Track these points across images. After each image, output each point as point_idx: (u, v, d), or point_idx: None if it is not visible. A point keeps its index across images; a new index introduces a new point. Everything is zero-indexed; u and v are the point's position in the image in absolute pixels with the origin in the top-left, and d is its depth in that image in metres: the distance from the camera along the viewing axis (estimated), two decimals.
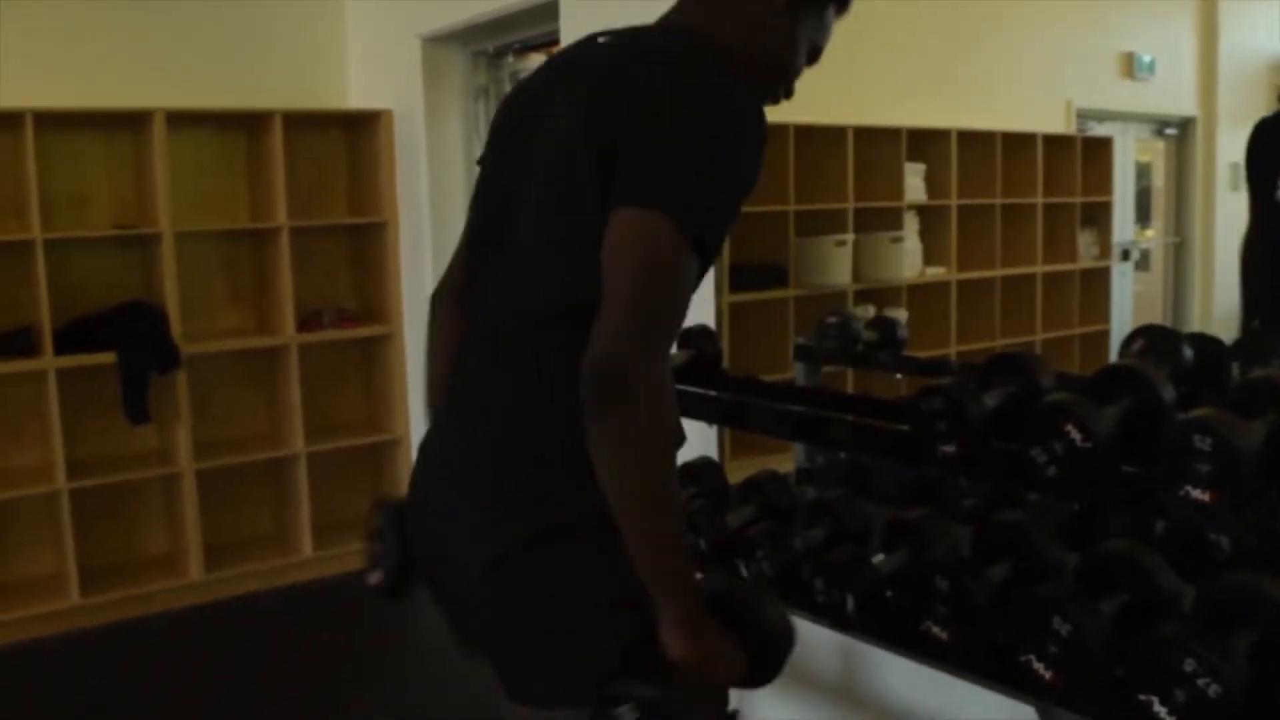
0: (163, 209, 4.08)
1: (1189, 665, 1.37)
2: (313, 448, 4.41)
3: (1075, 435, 1.50)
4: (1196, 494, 1.40)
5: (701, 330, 2.36)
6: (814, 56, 1.63)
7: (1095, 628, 1.51)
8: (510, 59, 4.32)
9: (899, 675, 2.48)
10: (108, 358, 4.02)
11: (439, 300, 1.68)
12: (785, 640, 1.49)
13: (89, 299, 4.13)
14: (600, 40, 1.50)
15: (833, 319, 2.62)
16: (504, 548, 1.39)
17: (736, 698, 2.63)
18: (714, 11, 1.51)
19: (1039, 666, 1.57)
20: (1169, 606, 1.55)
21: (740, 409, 2.13)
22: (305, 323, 4.45)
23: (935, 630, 1.73)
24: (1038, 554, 1.74)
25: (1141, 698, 1.42)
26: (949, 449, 1.68)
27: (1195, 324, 2.72)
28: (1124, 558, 1.63)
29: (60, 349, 3.94)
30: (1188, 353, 1.82)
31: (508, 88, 4.30)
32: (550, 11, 3.40)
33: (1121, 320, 2.98)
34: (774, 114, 3.10)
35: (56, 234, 3.95)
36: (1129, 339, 1.88)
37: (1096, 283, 3.03)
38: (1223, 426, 1.38)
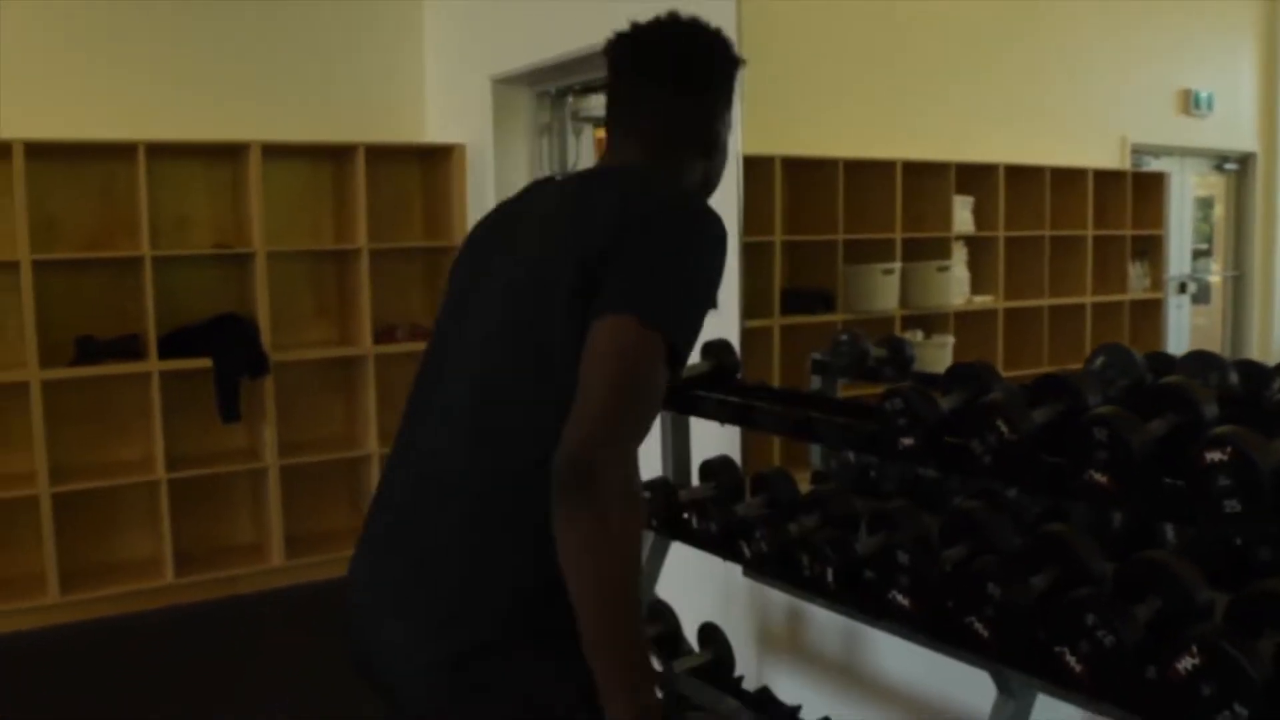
0: (256, 231, 4.44)
1: (1090, 621, 1.65)
2: (385, 449, 4.59)
3: (1004, 429, 1.78)
4: (1098, 478, 1.67)
5: (722, 344, 2.64)
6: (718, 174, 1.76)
7: (1023, 595, 1.79)
8: (571, 99, 4.55)
9: (895, 656, 2.75)
10: (205, 363, 4.37)
11: None
12: None
13: (189, 310, 4.51)
14: (556, 179, 1.61)
15: (844, 337, 2.88)
16: (443, 660, 1.37)
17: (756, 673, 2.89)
18: (656, 157, 1.61)
19: (979, 627, 1.85)
20: (1091, 577, 1.81)
21: (747, 410, 2.42)
22: (381, 336, 4.75)
23: (899, 599, 2.00)
24: (989, 537, 2.00)
25: (1057, 649, 1.70)
26: (908, 442, 1.96)
27: (1255, 355, 2.71)
28: (1058, 540, 1.90)
29: (163, 354, 4.31)
30: (1143, 368, 2.07)
31: (569, 125, 4.56)
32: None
33: (1179, 350, 3.01)
34: (826, 148, 3.29)
35: (162, 252, 4.33)
36: (1093, 355, 2.14)
37: (1148, 314, 3.02)
38: (1118, 422, 1.65)
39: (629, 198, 1.45)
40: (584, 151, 4.57)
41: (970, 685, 2.13)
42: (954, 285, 3.37)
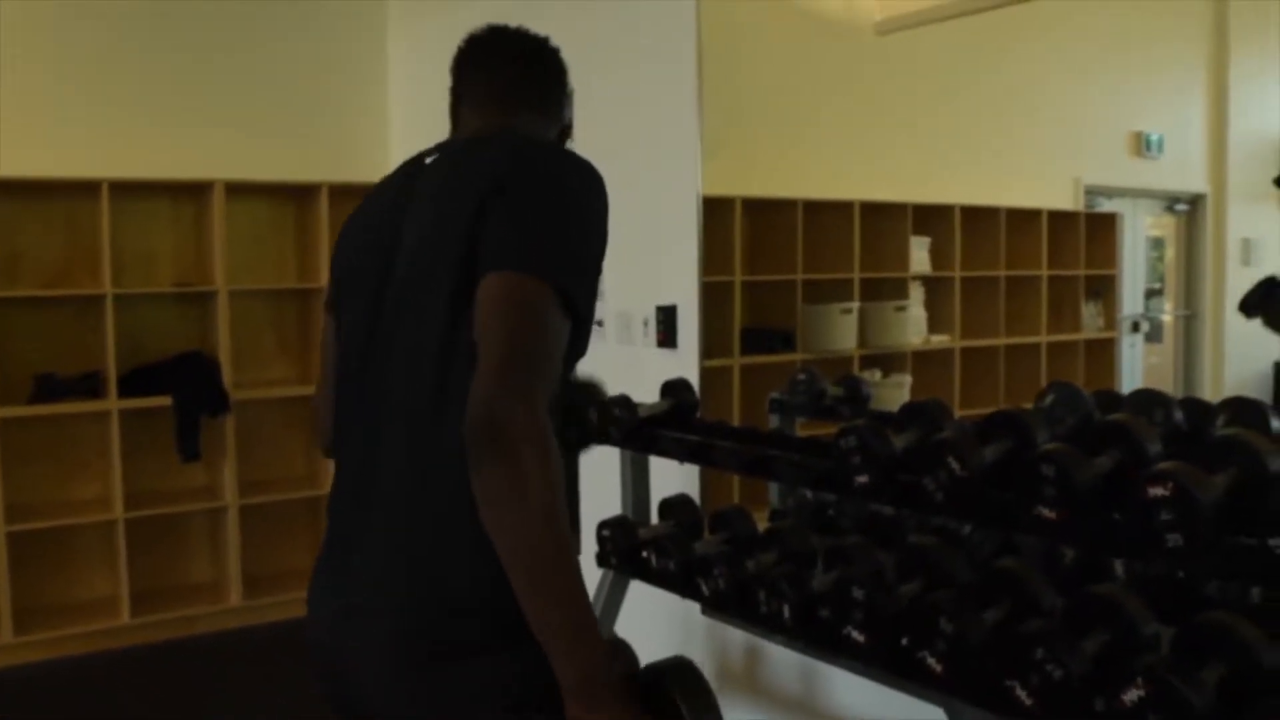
0: (219, 269, 4.44)
1: (1040, 654, 1.68)
2: None
3: (956, 466, 1.82)
4: (1046, 513, 1.71)
5: (681, 383, 2.67)
6: None
7: (974, 629, 1.81)
8: None
9: (851, 692, 2.77)
10: (165, 401, 4.36)
11: (323, 440, 1.68)
12: None
13: (151, 348, 4.50)
14: (427, 160, 1.56)
15: (802, 376, 2.92)
16: (408, 662, 1.36)
17: None
18: (513, 119, 1.62)
19: (932, 661, 1.87)
20: (1042, 611, 1.84)
21: (705, 449, 2.44)
22: None
23: (854, 634, 2.01)
24: (943, 572, 2.03)
25: (1008, 682, 1.72)
26: (862, 479, 1.99)
27: (1206, 393, 2.68)
28: (1010, 575, 1.93)
29: (123, 392, 4.29)
30: (1091, 405, 2.12)
31: None
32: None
33: (1132, 389, 3.00)
34: (785, 189, 3.34)
35: (124, 290, 4.32)
36: (1042, 393, 2.18)
37: (1102, 353, 3.04)
38: (1065, 458, 1.69)
39: (495, 162, 1.43)
40: None
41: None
42: (911, 325, 3.40)
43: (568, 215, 1.39)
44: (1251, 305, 2.37)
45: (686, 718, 1.30)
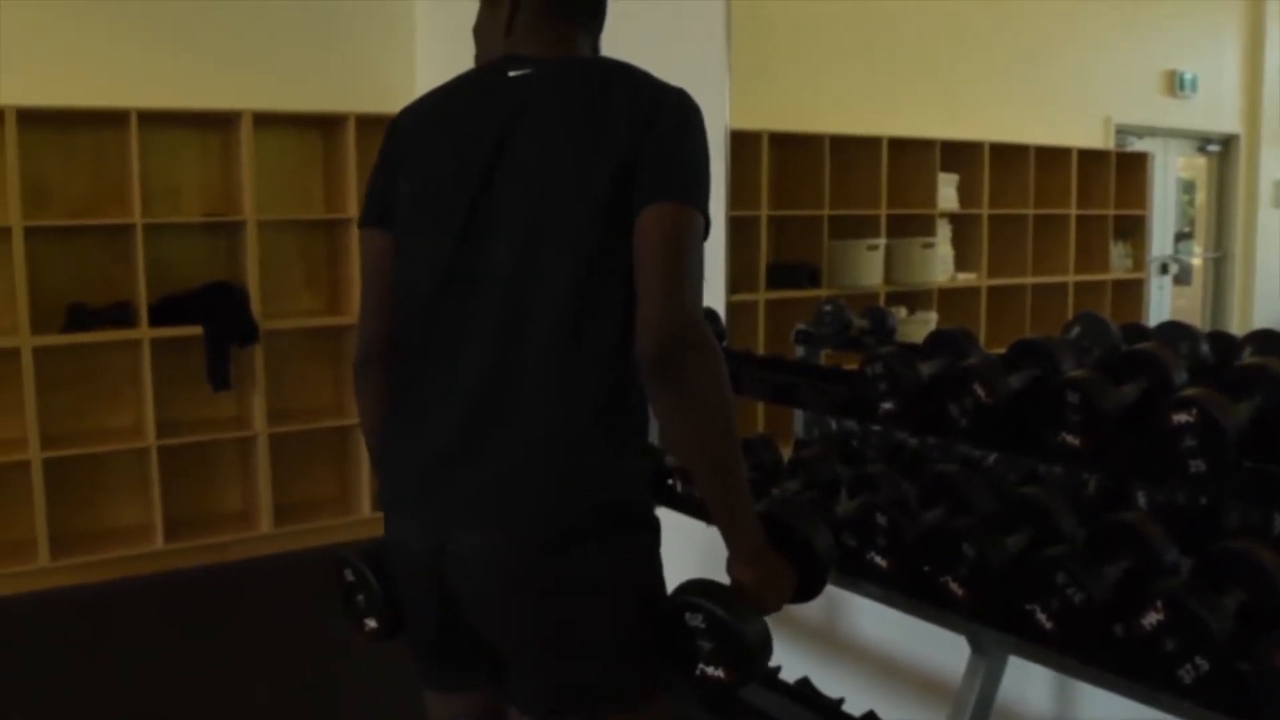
0: (247, 199, 4.46)
1: (1061, 579, 1.70)
2: None
3: (982, 393, 1.83)
4: (1070, 440, 1.72)
5: (708, 312, 2.69)
6: None
7: (997, 554, 1.83)
8: None
9: (873, 620, 2.80)
10: (195, 330, 4.40)
11: (367, 366, 1.73)
12: (829, 559, 1.69)
13: (180, 278, 4.53)
14: (512, 74, 1.58)
15: (829, 307, 2.93)
16: (525, 550, 1.46)
17: None
18: (572, 33, 1.67)
19: (954, 586, 1.90)
20: (1064, 538, 1.85)
21: (732, 377, 2.45)
22: None
23: (877, 560, 2.05)
24: (966, 500, 2.04)
25: (1028, 607, 1.75)
26: (888, 406, 2.00)
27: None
28: (1032, 502, 1.94)
29: (154, 322, 4.33)
30: (1118, 337, 2.12)
31: None
32: None
33: None
34: (811, 124, 3.30)
35: (153, 219, 4.34)
36: (1069, 324, 2.18)
37: (1130, 294, 3.04)
38: (1090, 385, 1.70)
39: (633, 97, 1.54)
40: None
41: (945, 647, 2.17)
42: (938, 262, 3.40)
43: (701, 148, 1.54)
44: None
45: (817, 547, 1.66)
